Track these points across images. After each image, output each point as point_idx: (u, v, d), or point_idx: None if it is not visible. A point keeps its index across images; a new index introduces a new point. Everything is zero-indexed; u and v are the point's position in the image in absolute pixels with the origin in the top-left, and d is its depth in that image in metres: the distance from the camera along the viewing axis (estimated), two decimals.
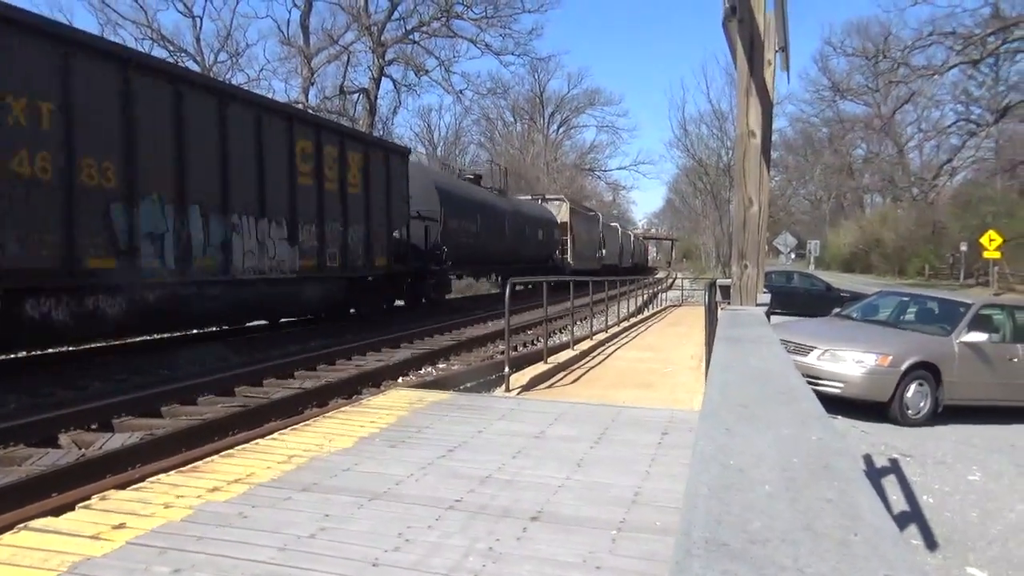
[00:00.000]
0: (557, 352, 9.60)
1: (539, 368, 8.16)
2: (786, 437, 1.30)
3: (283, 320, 13.98)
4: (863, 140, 63.12)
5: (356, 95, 40.43)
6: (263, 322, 13.70)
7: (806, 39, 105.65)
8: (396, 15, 42.24)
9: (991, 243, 30.96)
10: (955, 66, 31.95)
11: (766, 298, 5.53)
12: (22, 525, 3.00)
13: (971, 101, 42.63)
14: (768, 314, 5.12)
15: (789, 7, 6.23)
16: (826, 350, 8.82)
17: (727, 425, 1.38)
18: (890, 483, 6.37)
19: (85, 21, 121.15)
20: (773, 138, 8.32)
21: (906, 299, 11.15)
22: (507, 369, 7.26)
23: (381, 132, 42.32)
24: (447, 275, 18.81)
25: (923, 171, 55.49)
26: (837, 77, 52.56)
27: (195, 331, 12.50)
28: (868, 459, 7.01)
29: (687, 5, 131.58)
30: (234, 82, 35.90)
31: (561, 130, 71.70)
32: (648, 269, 66.39)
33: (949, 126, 42.99)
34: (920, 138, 56.91)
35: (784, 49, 6.61)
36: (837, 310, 12.27)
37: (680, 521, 0.94)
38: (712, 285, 8.30)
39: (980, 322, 9.17)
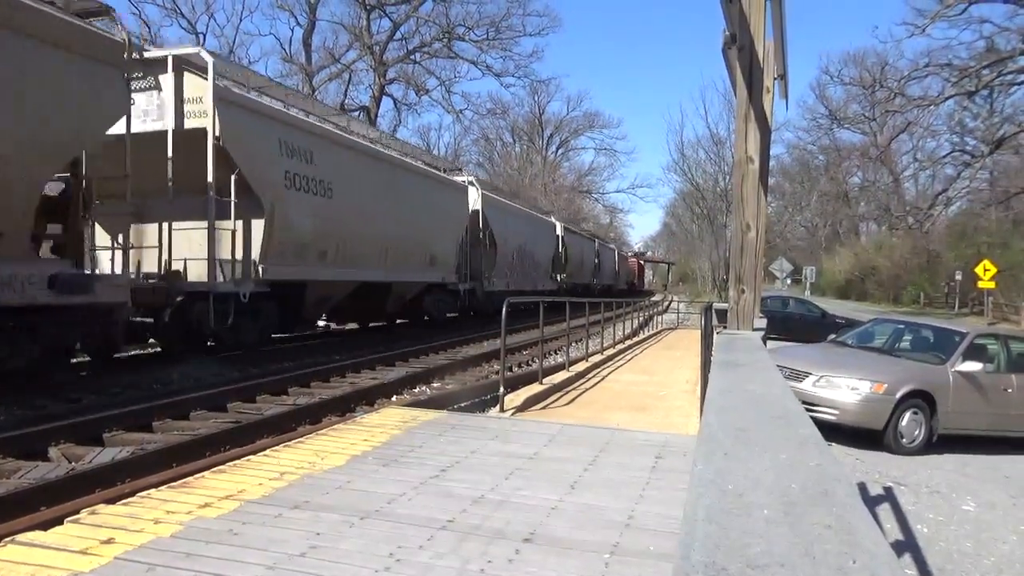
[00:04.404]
0: (552, 373, 9.58)
1: (534, 389, 8.13)
2: (784, 462, 1.30)
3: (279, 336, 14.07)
4: (859, 168, 63.67)
5: (356, 113, 40.66)
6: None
7: (804, 68, 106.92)
8: (398, 35, 42.76)
9: (986, 273, 31.09)
10: (951, 97, 32.22)
11: (762, 323, 5.54)
12: (9, 539, 2.96)
13: (966, 132, 42.98)
14: (764, 339, 5.12)
15: (788, 36, 6.32)
16: (821, 376, 8.82)
17: (725, 449, 1.38)
18: (884, 511, 6.34)
19: None
20: (771, 164, 8.40)
21: (901, 327, 11.17)
22: (502, 389, 7.24)
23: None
24: None
25: (918, 200, 55.84)
26: (834, 106, 53.18)
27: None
28: (862, 487, 6.98)
29: (687, 31, 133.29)
30: None
31: (560, 152, 72.16)
32: (644, 292, 66.43)
33: (944, 156, 43.28)
34: (916, 167, 57.35)
35: (783, 77, 6.70)
36: (833, 336, 12.28)
37: (679, 545, 0.94)
38: (708, 309, 8.31)
39: (975, 351, 9.18)
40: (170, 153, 10.09)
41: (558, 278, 30.78)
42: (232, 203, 10.36)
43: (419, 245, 16.58)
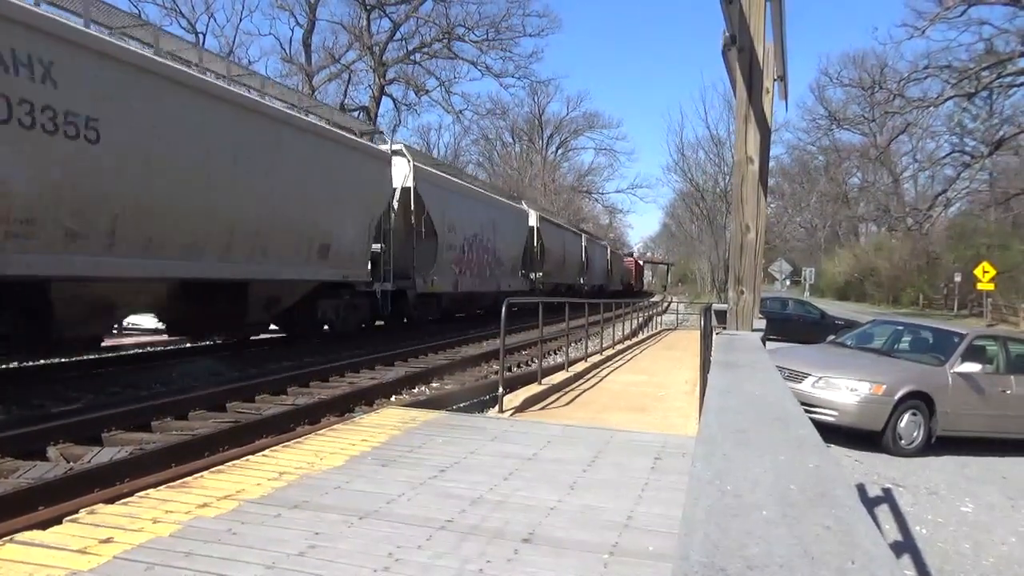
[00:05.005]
0: (551, 373, 9.58)
1: (533, 389, 8.13)
2: (783, 463, 1.30)
3: (278, 336, 14.06)
4: (859, 169, 63.68)
5: (356, 113, 40.63)
6: (261, 336, 13.75)
7: (803, 69, 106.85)
8: (398, 36, 42.72)
9: (985, 275, 31.10)
10: (950, 99, 32.26)
11: (762, 324, 5.54)
12: (8, 538, 2.96)
13: (965, 133, 42.94)
14: (764, 340, 5.12)
15: (788, 37, 6.32)
16: (820, 377, 8.82)
17: (724, 450, 1.38)
18: (883, 512, 6.34)
19: None
20: (770, 165, 8.38)
21: (900, 328, 11.17)
22: (501, 389, 7.24)
23: None
24: None
25: (918, 201, 55.89)
26: (834, 107, 53.08)
27: (189, 344, 12.45)
28: (861, 488, 6.98)
29: (687, 32, 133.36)
30: None
31: (559, 152, 72.20)
32: (644, 293, 66.38)
33: (944, 157, 43.27)
34: (915, 168, 57.47)
35: (782, 78, 6.70)
36: (832, 337, 12.29)
37: (677, 545, 0.94)
38: (708, 310, 8.31)
39: (974, 353, 9.18)
40: None
41: (532, 277, 26.72)
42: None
43: (300, 229, 11.98)
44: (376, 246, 14.73)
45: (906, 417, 8.53)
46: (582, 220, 61.27)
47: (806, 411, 1.96)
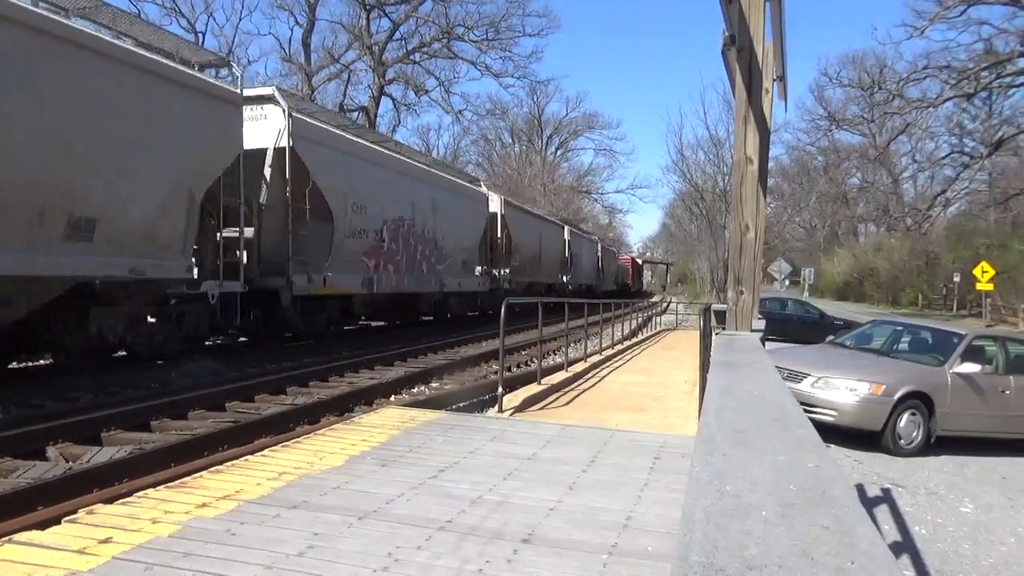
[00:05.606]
0: (551, 373, 9.58)
1: (532, 389, 8.13)
2: (782, 464, 1.30)
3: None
4: (858, 169, 63.66)
5: (356, 113, 40.65)
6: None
7: (803, 69, 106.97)
8: (397, 35, 42.76)
9: (984, 275, 31.11)
10: (949, 99, 32.30)
11: (761, 324, 5.54)
12: (7, 538, 2.96)
13: (965, 134, 42.98)
14: (763, 340, 5.12)
15: (787, 38, 6.33)
16: (820, 377, 8.82)
17: (723, 450, 1.38)
18: (882, 513, 6.34)
19: None
20: (770, 165, 8.40)
21: (899, 328, 11.18)
22: (501, 389, 7.23)
23: None
24: None
25: (917, 201, 55.97)
26: (833, 107, 53.09)
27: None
28: (860, 488, 6.98)
29: (687, 32, 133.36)
30: None
31: (559, 152, 72.18)
32: (642, 293, 66.38)
33: (943, 158, 43.35)
34: (914, 169, 57.51)
35: (782, 78, 6.70)
36: (831, 338, 12.29)
37: (677, 546, 0.94)
38: (707, 310, 8.31)
39: (973, 353, 9.19)
40: None
41: (496, 274, 22.57)
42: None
43: (16, 188, 7.27)
44: (233, 231, 10.70)
45: (905, 417, 8.53)
46: (582, 220, 61.22)
47: (805, 411, 1.96)
